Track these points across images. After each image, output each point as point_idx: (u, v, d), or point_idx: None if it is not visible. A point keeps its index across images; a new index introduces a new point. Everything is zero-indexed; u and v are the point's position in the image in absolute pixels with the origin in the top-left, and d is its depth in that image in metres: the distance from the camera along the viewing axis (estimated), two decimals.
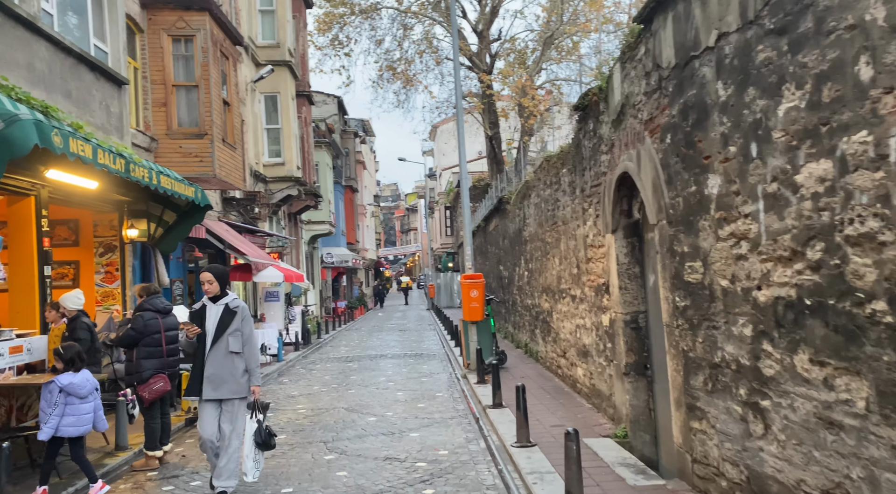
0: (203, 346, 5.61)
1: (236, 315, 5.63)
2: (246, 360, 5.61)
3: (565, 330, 10.03)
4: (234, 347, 5.54)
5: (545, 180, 11.11)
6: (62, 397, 5.73)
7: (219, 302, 5.69)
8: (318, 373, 14.05)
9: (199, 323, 5.64)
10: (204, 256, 16.62)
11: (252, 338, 5.63)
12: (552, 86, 27.21)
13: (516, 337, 16.23)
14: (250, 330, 5.67)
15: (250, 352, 5.63)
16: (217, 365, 5.52)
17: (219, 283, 5.71)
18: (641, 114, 5.72)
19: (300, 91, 26.68)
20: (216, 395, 5.54)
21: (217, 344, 5.55)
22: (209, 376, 5.53)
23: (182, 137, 13.23)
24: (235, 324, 5.60)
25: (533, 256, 13.07)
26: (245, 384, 5.60)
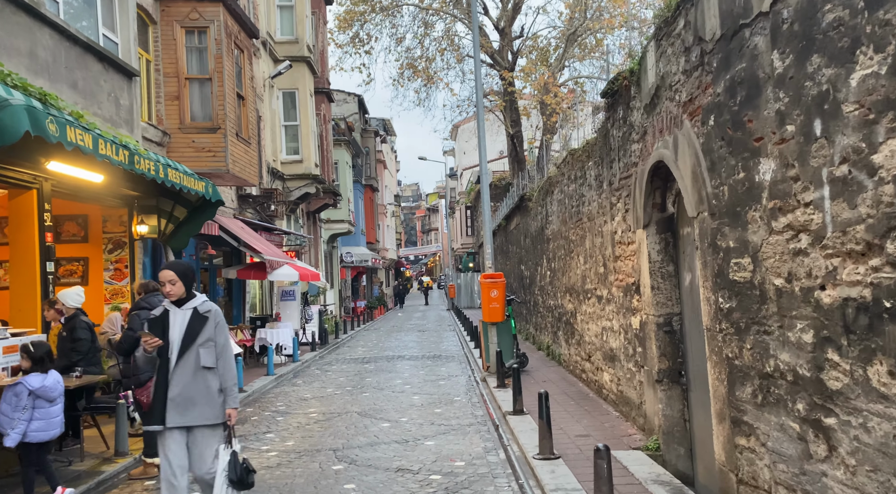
0: (166, 361, 4.53)
1: (207, 321, 4.59)
2: (221, 377, 4.56)
3: (590, 332, 9.48)
4: (206, 361, 4.49)
5: (569, 175, 10.56)
6: (31, 400, 5.34)
7: (184, 306, 4.62)
8: (333, 375, 13.64)
9: (160, 334, 4.54)
10: (219, 254, 16.32)
11: (227, 350, 4.62)
12: (575, 85, 26.64)
13: (538, 338, 15.69)
14: (225, 339, 4.65)
15: (225, 367, 4.60)
16: (185, 384, 4.46)
17: (183, 283, 4.62)
18: (679, 95, 5.18)
19: (319, 88, 26.38)
20: (184, 421, 4.44)
21: (184, 357, 4.49)
22: (175, 398, 4.44)
23: (195, 131, 12.90)
24: (207, 333, 4.56)
25: (555, 255, 12.52)
26: (220, 406, 4.54)
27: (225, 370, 4.59)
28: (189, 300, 4.65)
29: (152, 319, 4.69)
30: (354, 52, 25.91)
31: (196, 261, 14.00)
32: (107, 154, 7.58)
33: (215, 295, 15.48)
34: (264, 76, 20.67)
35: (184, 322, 4.57)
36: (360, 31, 25.76)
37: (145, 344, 4.50)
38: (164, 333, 4.55)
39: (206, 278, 15.40)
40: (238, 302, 16.87)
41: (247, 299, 17.11)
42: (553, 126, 25.62)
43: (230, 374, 4.62)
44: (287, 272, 15.19)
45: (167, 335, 4.55)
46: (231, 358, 4.66)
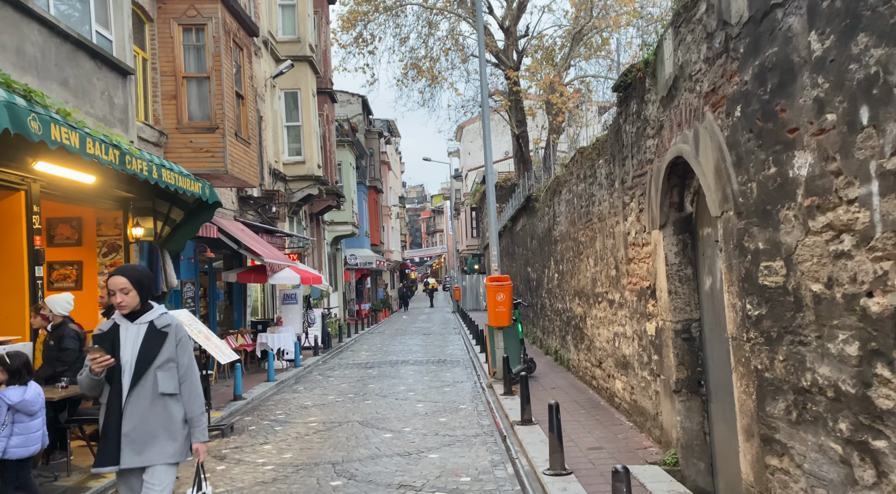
0: (117, 388, 3.70)
1: (167, 338, 3.78)
2: (185, 405, 3.79)
3: (601, 337, 9.10)
4: (166, 386, 3.72)
5: (578, 174, 10.19)
6: (10, 415, 5.01)
7: (139, 320, 3.78)
8: (335, 381, 13.30)
9: (110, 353, 3.70)
10: (219, 257, 16.01)
11: (192, 371, 3.84)
12: (581, 84, 26.30)
13: (545, 343, 15.31)
14: (189, 359, 3.87)
15: (191, 392, 3.81)
16: (141, 416, 3.66)
17: (138, 292, 3.77)
18: (700, 85, 4.81)
19: (322, 88, 26.09)
20: (141, 461, 3.66)
21: (140, 383, 3.69)
22: (130, 432, 3.64)
23: (192, 131, 12.59)
24: (166, 352, 3.76)
25: (564, 257, 12.15)
26: (185, 440, 3.78)
27: (190, 396, 3.80)
28: (144, 313, 3.81)
29: (99, 336, 3.78)
30: (358, 52, 25.67)
31: (195, 265, 13.69)
32: (95, 153, 7.26)
33: (215, 298, 15.17)
34: (265, 76, 20.37)
35: (137, 339, 3.74)
36: (364, 31, 25.50)
37: (93, 363, 3.63)
38: (113, 353, 3.71)
39: (205, 281, 15.09)
40: (239, 306, 16.56)
41: (248, 303, 16.80)
42: (559, 126, 25.30)
43: (196, 401, 3.83)
44: (288, 275, 14.86)
45: (117, 355, 3.72)
46: (196, 381, 3.87)
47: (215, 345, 8.85)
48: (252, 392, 11.91)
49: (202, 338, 8.70)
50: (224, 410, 10.26)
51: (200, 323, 9.17)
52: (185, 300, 13.06)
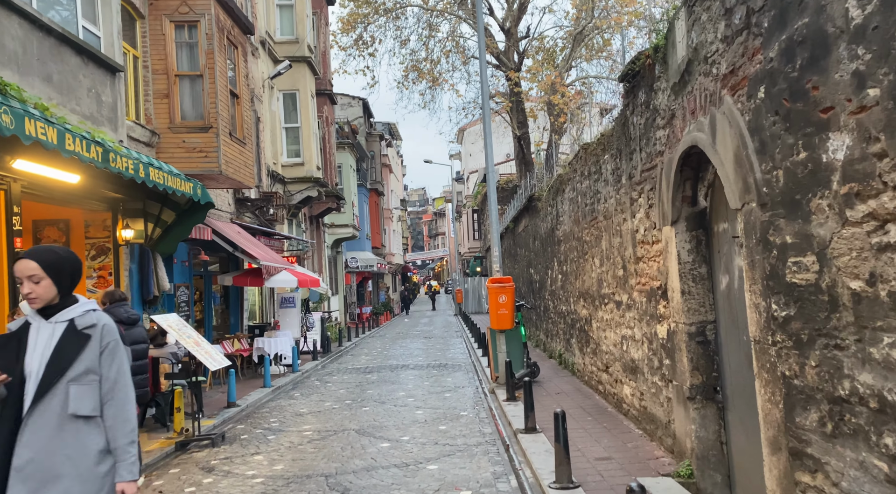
0: (14, 405, 2.82)
1: (89, 342, 2.90)
2: (108, 432, 2.88)
3: (608, 341, 8.71)
4: (81, 406, 2.83)
5: (582, 171, 9.82)
6: None
7: (55, 317, 2.92)
8: (332, 387, 12.92)
9: (11, 360, 2.86)
10: (214, 260, 15.66)
11: (121, 388, 2.93)
12: (582, 86, 26.04)
13: (549, 346, 14.92)
14: (119, 372, 2.94)
15: (117, 415, 2.90)
16: (42, 445, 2.77)
17: (53, 281, 2.88)
18: (718, 67, 4.44)
19: (321, 89, 25.79)
20: None
21: (45, 400, 2.80)
22: (22, 467, 2.74)
23: (185, 131, 12.25)
24: (87, 361, 2.87)
25: (567, 257, 11.77)
26: (101, 480, 2.82)
27: (116, 421, 2.88)
28: (63, 308, 2.92)
29: (2, 338, 2.97)
30: (358, 54, 25.49)
31: (189, 268, 13.34)
32: (75, 150, 6.91)
33: (211, 302, 14.82)
34: (263, 77, 20.06)
35: (50, 343, 2.86)
36: (364, 34, 25.31)
37: None
38: (17, 360, 2.85)
39: (200, 285, 14.73)
40: (236, 309, 16.20)
41: (245, 307, 16.44)
42: (561, 127, 25.01)
43: (124, 428, 2.89)
44: (285, 278, 14.50)
45: (21, 362, 2.85)
46: (126, 401, 2.94)
47: (205, 351, 8.49)
48: (247, 398, 11.54)
49: (191, 344, 8.34)
50: (217, 418, 9.90)
51: (190, 328, 8.82)
52: (178, 304, 12.71)
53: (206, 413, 10.18)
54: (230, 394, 10.83)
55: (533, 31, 25.51)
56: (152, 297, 11.14)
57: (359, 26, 24.78)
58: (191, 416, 8.58)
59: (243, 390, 12.54)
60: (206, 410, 10.55)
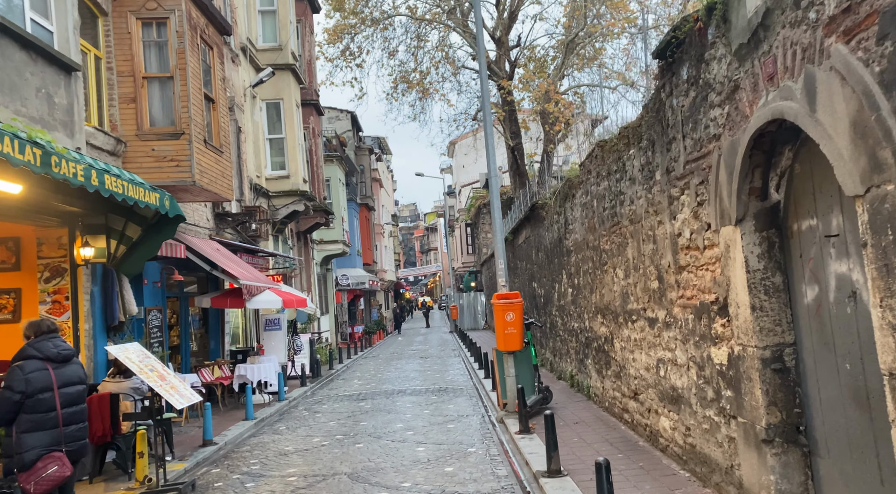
0: None
1: None
2: None
3: (637, 364, 7.58)
4: None
5: (598, 171, 8.74)
6: None
7: None
8: (322, 418, 11.68)
9: None
10: (191, 280, 14.44)
11: None
12: (574, 96, 25.28)
13: (557, 366, 13.76)
14: None
15: None
16: None
17: None
18: (820, 10, 3.36)
19: (307, 99, 24.73)
20: None
21: None
22: None
23: (155, 138, 11.09)
24: None
25: (580, 269, 10.67)
26: None
27: None
28: None
29: None
30: (345, 65, 24.75)
31: (161, 289, 12.11)
32: (3, 151, 5.76)
33: (188, 327, 13.57)
34: (245, 85, 18.98)
35: None
36: (351, 44, 24.51)
37: None
38: None
39: (176, 308, 13.50)
40: (216, 333, 14.95)
41: (226, 330, 15.20)
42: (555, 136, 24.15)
43: None
44: (269, 298, 13.30)
45: None
46: None
47: (171, 386, 7.27)
48: (226, 434, 10.30)
49: (154, 378, 7.13)
50: (189, 459, 8.66)
51: (154, 359, 7.61)
52: (149, 329, 11.48)
53: (177, 454, 8.95)
54: (206, 431, 9.59)
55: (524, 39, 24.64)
56: (117, 323, 9.93)
57: (345, 37, 24.04)
58: (159, 460, 7.35)
59: (223, 423, 11.29)
60: (179, 449, 9.31)
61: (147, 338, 11.36)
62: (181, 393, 7.34)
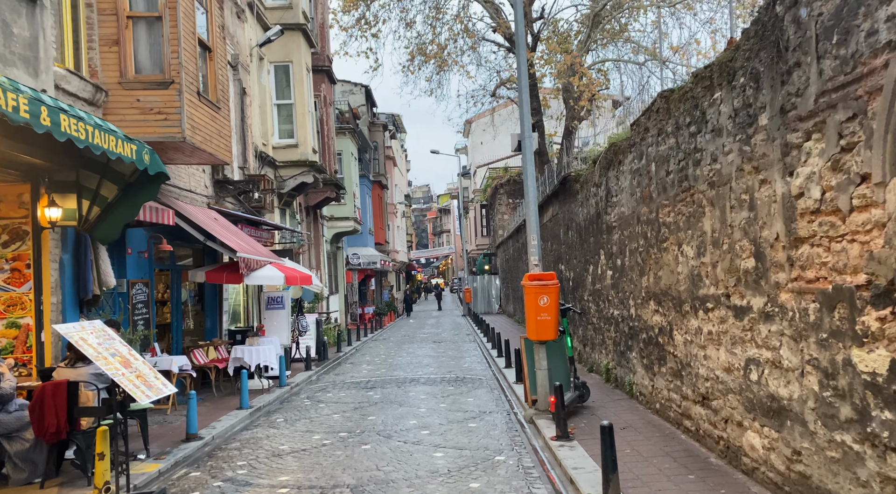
0: None
1: None
2: None
3: (711, 362, 6.14)
4: None
5: (660, 128, 7.25)
6: None
7: None
8: (325, 408, 10.36)
9: None
10: (187, 252, 13.12)
11: None
12: (598, 73, 23.73)
13: (589, 357, 12.35)
14: None
15: None
16: None
17: None
18: None
19: (319, 65, 23.25)
20: None
21: None
22: None
23: (140, 87, 9.70)
24: None
25: (625, 248, 9.21)
26: None
27: None
28: None
29: None
30: (361, 35, 23.38)
31: (149, 260, 10.77)
32: None
33: (179, 303, 12.25)
34: (251, 44, 17.53)
35: None
36: (367, 13, 23.14)
37: None
38: None
39: (166, 281, 12.19)
40: (213, 311, 13.65)
41: (224, 308, 13.89)
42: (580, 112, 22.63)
43: None
44: (270, 274, 11.95)
45: None
46: None
47: (138, 374, 5.93)
48: (215, 426, 9.00)
49: (115, 364, 5.79)
50: (167, 458, 7.35)
51: (119, 340, 6.27)
52: (132, 305, 10.16)
53: (154, 452, 7.65)
54: (189, 423, 8.27)
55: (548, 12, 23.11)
56: (91, 297, 8.62)
57: (361, 4, 22.69)
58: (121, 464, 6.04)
59: (214, 412, 10.01)
60: (158, 445, 8.03)
61: (130, 315, 10.06)
62: (150, 382, 5.99)
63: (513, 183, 37.99)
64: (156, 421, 9.47)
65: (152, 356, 10.23)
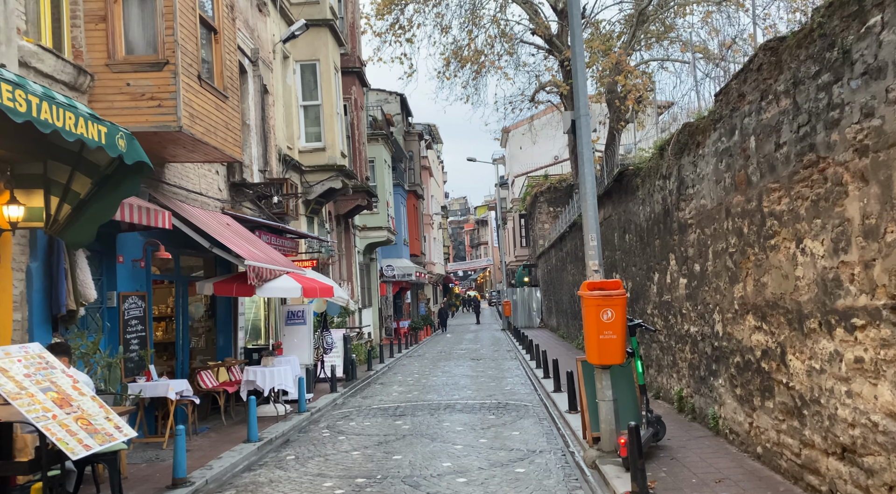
0: None
1: None
2: None
3: (862, 402, 4.39)
4: None
5: (763, 91, 5.56)
6: None
7: None
8: (345, 443, 8.82)
9: None
10: (198, 262, 11.79)
11: None
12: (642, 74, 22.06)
13: (654, 381, 10.56)
14: None
15: None
16: None
17: None
18: None
19: (349, 67, 22.03)
20: None
21: None
22: None
23: (130, 69, 8.42)
24: None
25: (705, 250, 7.48)
26: None
27: None
28: None
29: None
30: (394, 40, 22.29)
31: (146, 270, 9.43)
32: None
33: (185, 319, 10.89)
34: (274, 40, 16.34)
35: None
36: (401, 17, 22.10)
37: None
38: None
39: (170, 294, 10.87)
40: (227, 327, 12.28)
41: (240, 323, 12.52)
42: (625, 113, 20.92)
43: None
44: (285, 285, 10.52)
45: None
46: None
47: (78, 417, 4.47)
48: (213, 465, 7.55)
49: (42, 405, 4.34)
50: None
51: (61, 370, 4.84)
52: (125, 321, 8.82)
53: None
54: (176, 466, 6.81)
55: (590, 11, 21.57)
56: (66, 313, 7.28)
57: (394, 9, 21.65)
58: None
59: (217, 446, 8.58)
60: (140, 491, 6.60)
61: (121, 333, 8.71)
62: (95, 426, 4.52)
63: (553, 190, 36.21)
64: (146, 459, 8.08)
65: (147, 380, 8.86)
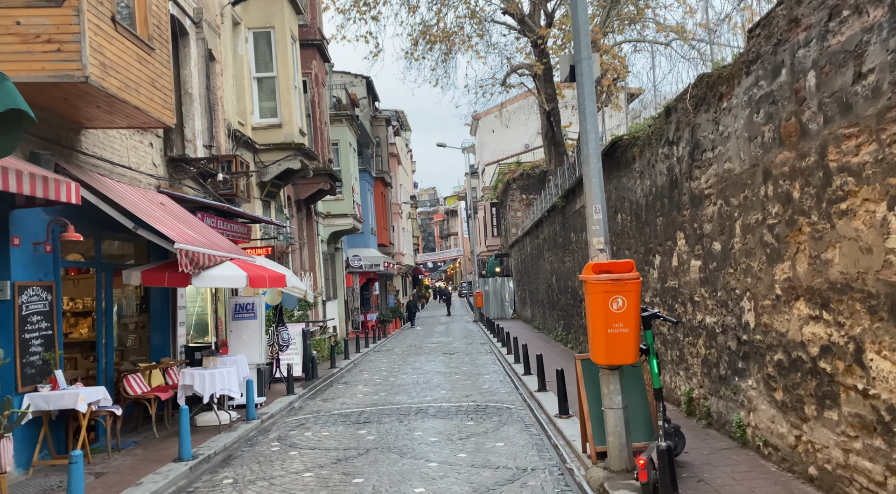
0: None
1: None
2: None
3: None
4: None
5: (833, 8, 4.23)
6: None
7: None
8: (296, 461, 7.33)
9: None
10: (127, 246, 10.12)
11: None
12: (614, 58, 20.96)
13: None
14: None
15: None
16: None
17: None
18: None
19: (309, 39, 20.37)
20: None
21: None
22: None
23: (21, 4, 6.76)
24: None
25: (730, 224, 6.19)
26: None
27: None
28: None
29: None
30: (359, 17, 20.88)
31: (53, 256, 7.78)
32: None
33: (109, 314, 9.23)
34: (222, 2, 14.63)
35: None
36: None
37: None
38: None
39: (87, 288, 9.21)
40: (163, 323, 10.64)
41: (179, 318, 10.88)
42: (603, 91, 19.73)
43: None
44: (227, 273, 8.92)
45: None
46: None
47: None
48: None
49: None
50: None
51: None
52: (21, 317, 7.18)
53: None
54: None
55: None
56: None
57: None
58: None
59: (141, 466, 7.04)
60: None
61: (16, 332, 7.07)
62: None
63: (526, 177, 34.96)
64: (45, 487, 6.50)
65: (53, 388, 7.25)
